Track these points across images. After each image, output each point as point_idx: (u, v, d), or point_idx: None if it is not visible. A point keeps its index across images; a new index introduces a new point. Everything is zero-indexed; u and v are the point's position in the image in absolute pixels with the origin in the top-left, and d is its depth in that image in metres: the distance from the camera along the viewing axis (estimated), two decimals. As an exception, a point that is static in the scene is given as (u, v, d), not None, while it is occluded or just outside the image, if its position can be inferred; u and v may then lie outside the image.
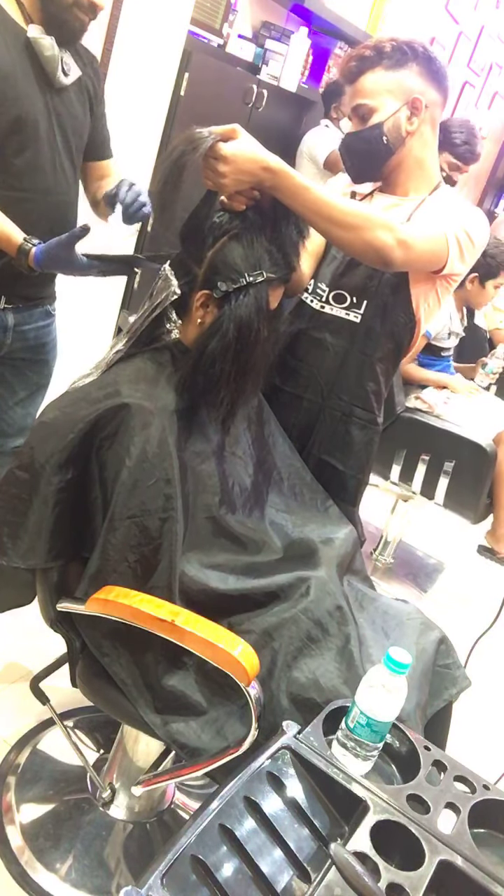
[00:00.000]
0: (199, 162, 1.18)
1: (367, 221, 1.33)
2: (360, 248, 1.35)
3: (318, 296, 1.60)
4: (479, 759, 1.40)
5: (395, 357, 1.62)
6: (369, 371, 1.60)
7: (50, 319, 1.79)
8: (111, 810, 1.56)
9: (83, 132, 1.64)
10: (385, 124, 1.46)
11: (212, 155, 1.18)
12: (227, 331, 1.21)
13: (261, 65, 3.25)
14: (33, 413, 1.87)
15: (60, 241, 1.41)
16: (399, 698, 0.98)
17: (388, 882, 0.84)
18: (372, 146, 1.49)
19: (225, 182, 1.19)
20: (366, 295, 1.55)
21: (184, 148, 1.16)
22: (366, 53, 1.46)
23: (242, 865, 0.85)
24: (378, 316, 1.55)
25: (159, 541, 1.20)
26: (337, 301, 1.58)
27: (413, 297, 1.52)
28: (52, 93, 1.51)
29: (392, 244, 1.33)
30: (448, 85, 1.52)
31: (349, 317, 1.57)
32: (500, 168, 6.78)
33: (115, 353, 1.28)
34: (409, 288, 1.51)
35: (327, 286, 1.59)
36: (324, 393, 1.63)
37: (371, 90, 1.47)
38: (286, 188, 1.24)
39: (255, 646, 1.14)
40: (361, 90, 1.48)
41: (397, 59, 1.45)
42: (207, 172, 1.20)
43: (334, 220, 1.30)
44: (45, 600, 1.28)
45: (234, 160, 1.18)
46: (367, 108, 1.47)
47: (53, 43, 1.46)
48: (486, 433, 2.57)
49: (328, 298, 1.59)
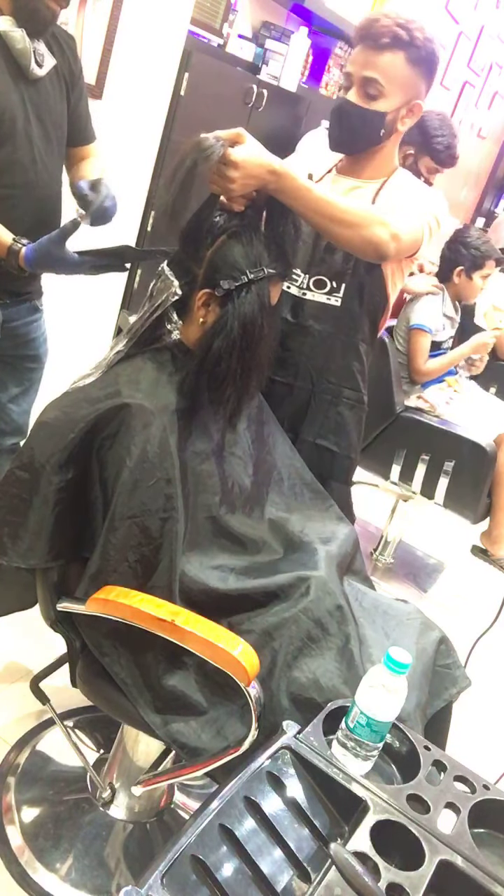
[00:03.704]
0: (209, 169, 1.18)
1: (365, 219, 1.37)
2: (359, 244, 1.39)
3: (294, 282, 1.62)
4: (479, 759, 1.40)
5: (372, 335, 1.69)
6: (354, 351, 1.66)
7: (38, 314, 1.78)
8: (111, 810, 1.56)
9: (62, 122, 1.62)
10: (387, 116, 1.49)
11: (223, 161, 1.18)
12: (232, 329, 1.22)
13: (261, 65, 3.24)
14: (28, 409, 1.87)
15: (51, 238, 1.40)
16: (399, 698, 0.98)
17: (388, 882, 0.84)
18: (367, 130, 1.52)
19: (234, 187, 1.20)
20: (344, 278, 1.59)
21: (195, 156, 1.16)
22: (399, 34, 1.44)
23: (242, 865, 0.85)
24: (356, 297, 1.61)
25: (160, 541, 1.20)
26: (318, 287, 1.62)
27: (384, 274, 1.59)
28: (26, 85, 1.49)
29: (387, 239, 1.38)
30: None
31: (330, 301, 1.61)
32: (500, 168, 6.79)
33: (116, 354, 1.28)
34: (381, 267, 1.58)
35: (303, 272, 1.61)
36: (313, 379, 1.67)
37: (389, 73, 1.46)
38: (289, 190, 1.27)
39: (255, 646, 1.14)
40: (380, 66, 1.46)
41: (420, 56, 1.46)
42: (215, 178, 1.21)
43: (335, 219, 1.34)
44: (45, 600, 1.28)
45: (245, 166, 1.19)
46: (377, 88, 1.47)
47: (24, 35, 1.43)
48: (486, 433, 2.57)
49: (308, 285, 1.62)
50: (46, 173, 1.58)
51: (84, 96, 1.69)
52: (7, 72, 1.45)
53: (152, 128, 2.64)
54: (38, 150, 1.54)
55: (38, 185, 1.56)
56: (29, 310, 1.73)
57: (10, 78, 1.45)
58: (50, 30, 1.51)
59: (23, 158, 1.51)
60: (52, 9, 1.44)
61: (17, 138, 1.49)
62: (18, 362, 1.78)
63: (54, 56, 1.54)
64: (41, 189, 1.58)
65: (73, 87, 1.63)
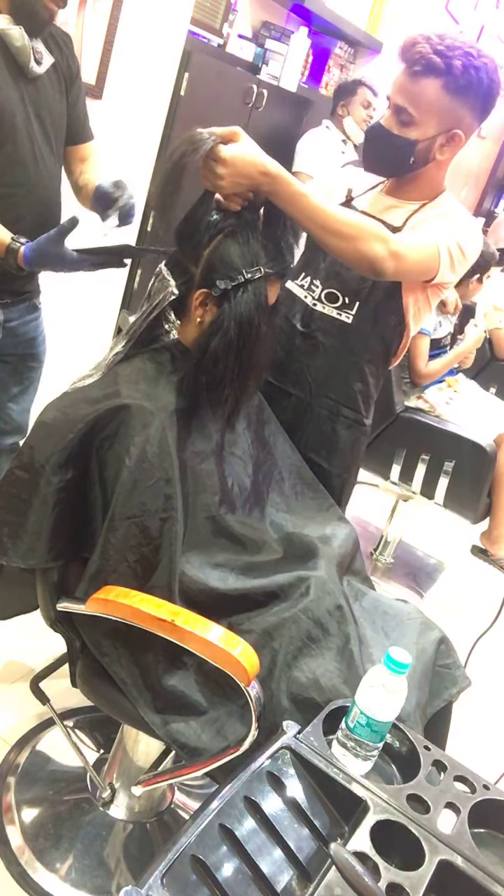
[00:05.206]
0: (198, 163, 1.18)
1: (361, 232, 1.33)
2: (353, 258, 1.35)
3: (312, 292, 1.60)
4: (479, 759, 1.40)
5: (384, 359, 1.64)
6: (358, 371, 1.61)
7: (37, 313, 1.78)
8: (111, 810, 1.56)
9: (62, 121, 1.62)
10: (418, 144, 1.43)
11: (211, 157, 1.18)
12: (229, 328, 1.22)
13: (261, 65, 3.25)
14: (27, 408, 1.87)
15: (50, 236, 1.39)
16: (399, 698, 0.98)
17: (388, 882, 0.84)
18: (397, 156, 1.46)
19: (222, 184, 1.20)
20: (358, 297, 1.56)
21: (184, 149, 1.16)
22: (435, 61, 1.35)
23: (242, 865, 0.85)
24: (369, 318, 1.56)
25: (159, 541, 1.20)
26: (329, 300, 1.59)
27: (405, 301, 1.54)
28: (25, 83, 1.49)
29: (384, 256, 1.33)
30: (491, 112, 1.44)
31: (341, 317, 1.58)
32: (500, 168, 6.79)
33: (115, 355, 1.28)
34: (401, 293, 1.53)
35: (321, 283, 1.59)
36: (312, 391, 1.64)
37: (421, 103, 1.39)
38: (283, 194, 1.24)
39: (255, 646, 1.14)
40: (411, 94, 1.39)
41: (461, 84, 1.36)
42: (206, 174, 1.20)
43: (329, 229, 1.30)
44: (45, 600, 1.28)
45: (234, 163, 1.18)
46: (408, 116, 1.41)
47: (23, 33, 1.42)
48: (486, 433, 2.57)
49: (320, 296, 1.59)
50: (46, 172, 1.58)
51: (82, 95, 1.69)
52: (6, 70, 1.44)
53: (152, 128, 2.64)
54: (38, 149, 1.54)
55: (38, 183, 1.56)
56: (28, 309, 1.73)
57: (9, 76, 1.45)
58: (48, 29, 1.51)
59: (24, 157, 1.51)
60: (49, 9, 1.44)
61: (16, 137, 1.48)
62: (18, 361, 1.78)
63: (52, 54, 1.54)
64: (41, 188, 1.58)
65: (71, 85, 1.63)
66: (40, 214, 1.57)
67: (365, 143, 1.53)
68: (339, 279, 1.57)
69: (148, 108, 2.58)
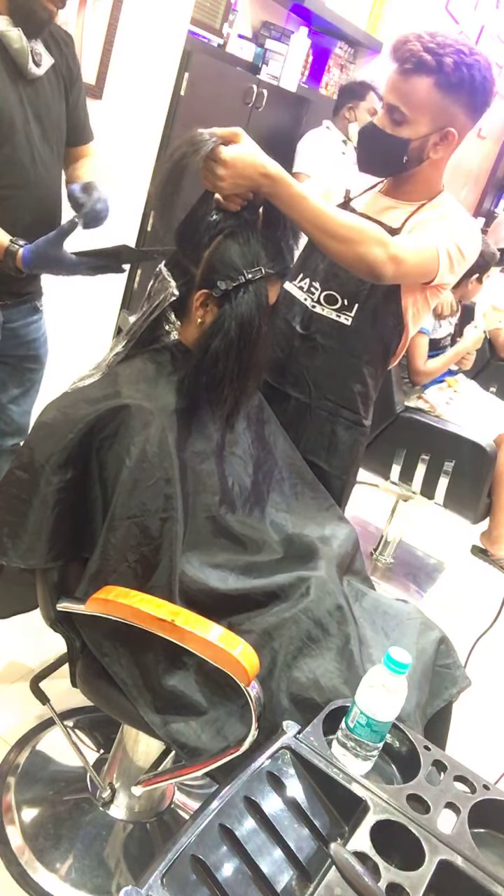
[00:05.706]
0: (198, 164, 1.18)
1: (361, 235, 1.32)
2: (352, 261, 1.35)
3: (311, 294, 1.60)
4: (479, 759, 1.40)
5: (383, 360, 1.64)
6: (357, 373, 1.61)
7: (38, 315, 1.78)
8: (111, 810, 1.56)
9: (61, 123, 1.61)
10: (411, 143, 1.43)
11: (212, 158, 1.18)
12: (229, 329, 1.22)
13: (261, 65, 3.25)
14: (28, 410, 1.87)
15: (49, 238, 1.39)
16: (399, 698, 0.98)
17: (388, 882, 0.84)
18: (390, 155, 1.47)
19: (223, 185, 1.19)
20: (357, 299, 1.56)
21: (185, 149, 1.16)
22: (426, 59, 1.35)
23: (242, 865, 0.85)
24: (368, 320, 1.56)
25: (159, 541, 1.20)
26: (328, 302, 1.59)
27: (403, 303, 1.54)
28: (25, 85, 1.48)
29: (383, 259, 1.33)
30: (486, 111, 1.44)
31: (340, 319, 1.58)
32: (500, 168, 6.79)
33: (115, 356, 1.28)
34: (400, 294, 1.53)
35: (320, 285, 1.59)
36: (311, 392, 1.64)
37: (413, 101, 1.39)
38: (283, 196, 1.24)
39: (255, 646, 1.14)
40: (403, 92, 1.40)
41: (453, 82, 1.36)
42: (206, 174, 1.20)
43: (328, 232, 1.30)
44: (45, 600, 1.28)
45: (234, 164, 1.18)
46: (401, 115, 1.41)
47: (21, 34, 1.42)
48: (486, 433, 2.57)
49: (319, 298, 1.59)
50: (46, 173, 1.57)
51: (82, 96, 1.69)
52: (5, 71, 1.44)
53: (152, 128, 2.64)
54: (37, 150, 1.54)
55: (38, 185, 1.56)
56: (29, 310, 1.73)
57: (7, 78, 1.45)
58: (47, 30, 1.51)
59: (22, 158, 1.51)
60: (48, 10, 1.43)
61: (16, 138, 1.48)
62: (19, 363, 1.78)
63: (52, 55, 1.54)
64: (41, 189, 1.57)
65: (71, 86, 1.62)
66: (39, 216, 1.57)
67: (358, 143, 1.53)
68: (337, 281, 1.57)
69: (148, 108, 2.58)
